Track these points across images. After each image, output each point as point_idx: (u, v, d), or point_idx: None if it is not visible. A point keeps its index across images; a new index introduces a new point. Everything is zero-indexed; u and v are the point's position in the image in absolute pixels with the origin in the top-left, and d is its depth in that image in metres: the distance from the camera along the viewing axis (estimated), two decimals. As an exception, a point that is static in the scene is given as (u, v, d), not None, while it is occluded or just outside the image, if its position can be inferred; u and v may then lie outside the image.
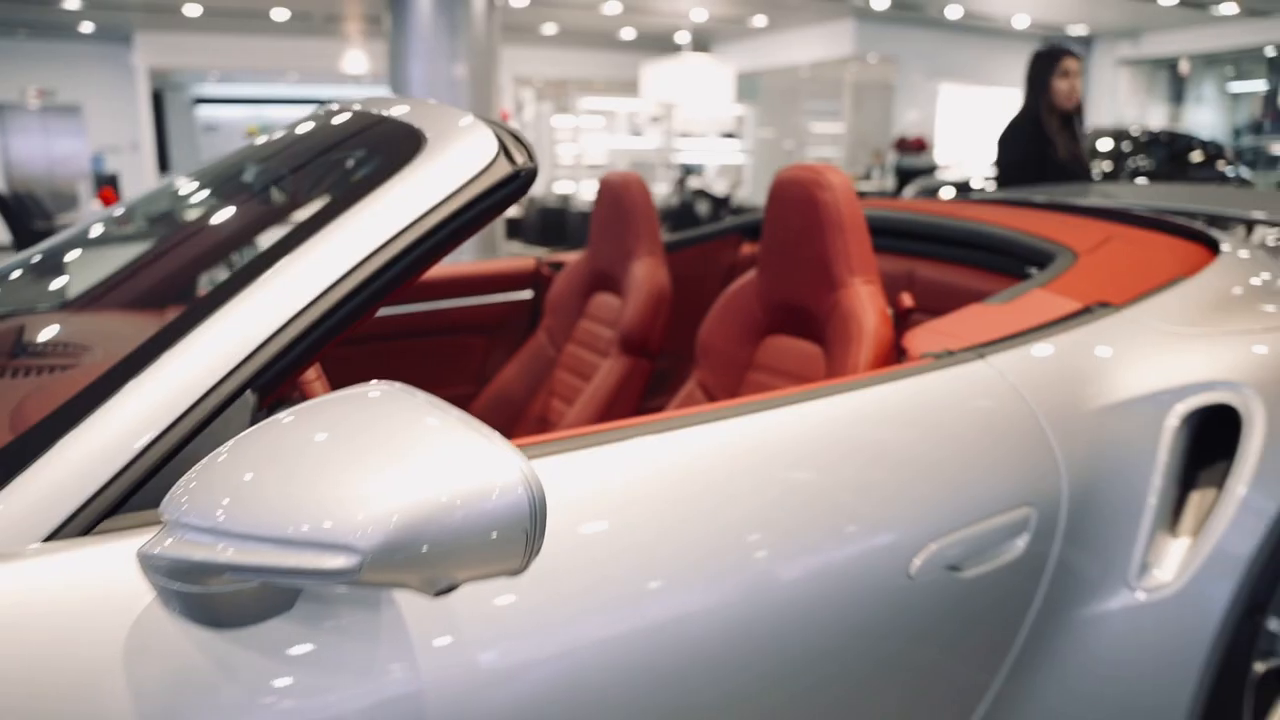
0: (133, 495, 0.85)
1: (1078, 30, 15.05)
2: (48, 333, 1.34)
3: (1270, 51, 15.29)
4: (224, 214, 1.51)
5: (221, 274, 1.15)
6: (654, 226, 2.34)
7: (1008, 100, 14.57)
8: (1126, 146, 10.52)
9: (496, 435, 0.74)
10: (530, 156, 1.12)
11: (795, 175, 1.74)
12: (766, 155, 15.47)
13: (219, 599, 0.78)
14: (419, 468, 0.71)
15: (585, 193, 11.66)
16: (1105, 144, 10.79)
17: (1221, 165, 10.59)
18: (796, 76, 16.17)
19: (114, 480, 0.84)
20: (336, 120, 1.45)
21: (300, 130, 1.50)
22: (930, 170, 12.33)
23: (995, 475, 1.31)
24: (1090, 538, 1.41)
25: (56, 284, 1.53)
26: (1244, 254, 2.00)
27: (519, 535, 0.71)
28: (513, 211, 11.60)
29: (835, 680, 1.19)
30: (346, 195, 1.05)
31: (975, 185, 10.10)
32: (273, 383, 0.92)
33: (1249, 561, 1.47)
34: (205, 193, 1.60)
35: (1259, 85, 16.75)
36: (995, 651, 1.36)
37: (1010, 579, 1.32)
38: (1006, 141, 3.97)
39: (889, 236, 2.36)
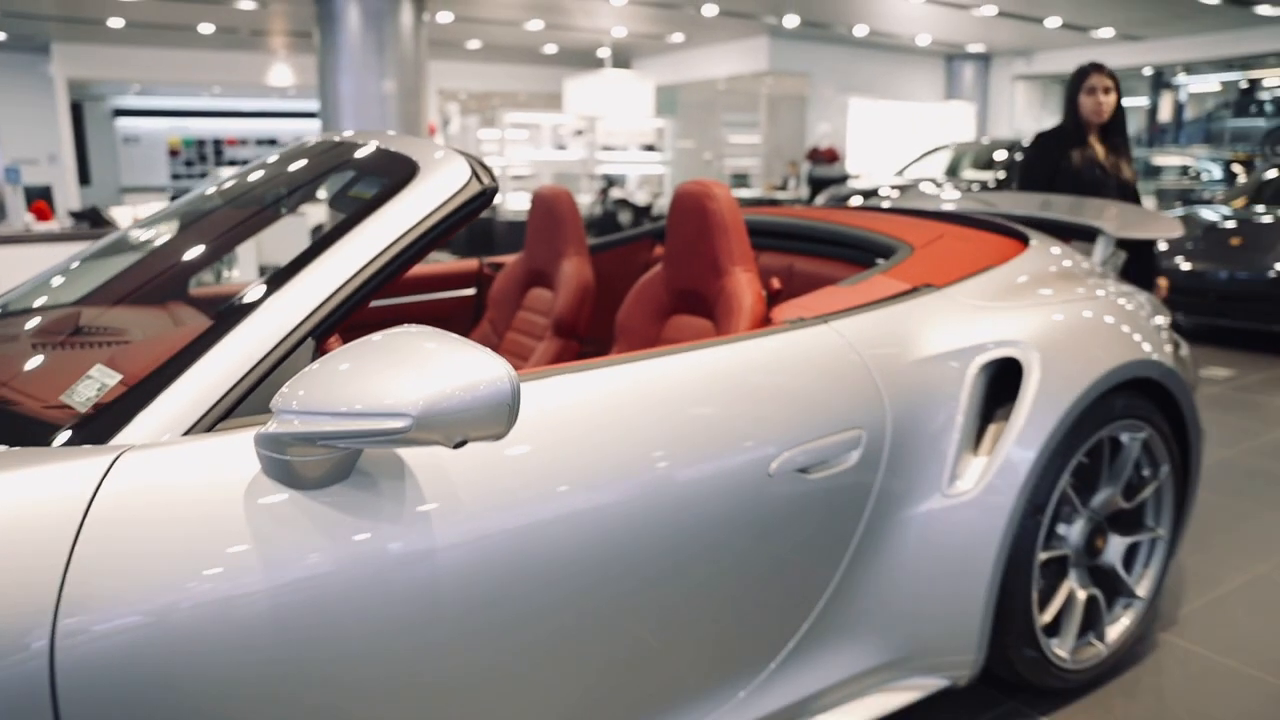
0: (238, 405, 1.27)
1: (976, 48, 15.96)
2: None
3: (1148, 71, 16.44)
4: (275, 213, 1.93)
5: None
6: (580, 231, 2.80)
7: (914, 114, 15.40)
8: (1019, 156, 11.29)
9: (487, 350, 1.19)
10: (493, 178, 1.57)
11: (690, 189, 2.22)
12: (686, 166, 16.04)
13: (305, 467, 1.21)
14: (441, 367, 1.15)
15: (511, 204, 12.03)
16: (1000, 154, 11.59)
17: (1103, 174, 11.43)
18: (714, 89, 16.81)
19: (226, 395, 1.26)
20: (348, 148, 1.88)
21: (319, 152, 1.92)
22: (842, 179, 13.01)
23: (833, 406, 1.79)
24: (910, 456, 1.91)
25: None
26: (1049, 248, 2.54)
27: (504, 410, 1.16)
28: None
29: (713, 559, 1.65)
30: (370, 205, 1.49)
31: (882, 193, 10.78)
32: (326, 333, 1.35)
33: (1029, 474, 1.98)
34: (257, 196, 2.00)
35: (1142, 101, 17.99)
36: (838, 544, 1.84)
37: (847, 484, 1.80)
38: (1025, 154, 4.08)
39: (775, 238, 2.86)
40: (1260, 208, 7.88)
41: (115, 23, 12.61)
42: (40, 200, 8.40)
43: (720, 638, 1.71)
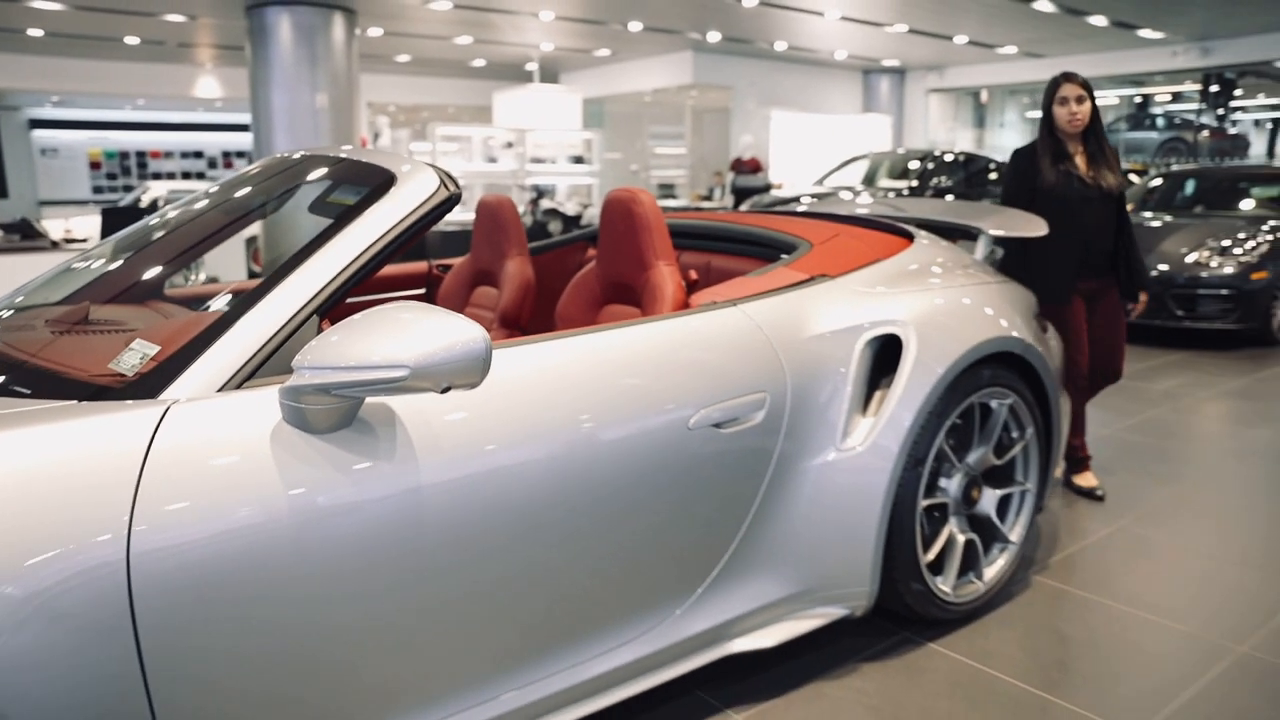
0: (259, 369, 1.57)
1: (891, 63, 16.67)
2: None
3: (1052, 84, 17.34)
4: (282, 212, 2.22)
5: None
6: (522, 234, 3.12)
7: (833, 125, 16.01)
8: (930, 166, 11.90)
9: (467, 318, 1.51)
10: (457, 185, 1.89)
11: (618, 195, 2.57)
12: (614, 177, 16.43)
13: (316, 415, 1.51)
14: (431, 329, 1.46)
15: (444, 213, 12.23)
16: (914, 164, 12.18)
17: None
18: (640, 102, 17.25)
19: (250, 360, 1.57)
20: (323, 160, 2.18)
21: (308, 164, 2.22)
22: (765, 189, 13.51)
23: (741, 373, 2.14)
24: (807, 416, 2.27)
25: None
26: (931, 245, 2.94)
27: (480, 363, 1.48)
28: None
29: (646, 499, 1.99)
30: (357, 208, 1.80)
31: (804, 201, 11.28)
32: (326, 312, 1.66)
33: (909, 432, 2.36)
34: (256, 197, 2.29)
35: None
36: (749, 490, 2.19)
37: (754, 438, 2.16)
38: (1005, 176, 3.92)
39: (696, 238, 3.22)
40: (1146, 213, 8.55)
41: (34, 32, 12.52)
42: (-29, 213, 8.39)
43: (654, 565, 2.05)
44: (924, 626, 2.68)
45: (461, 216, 10.50)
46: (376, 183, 1.88)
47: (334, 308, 1.68)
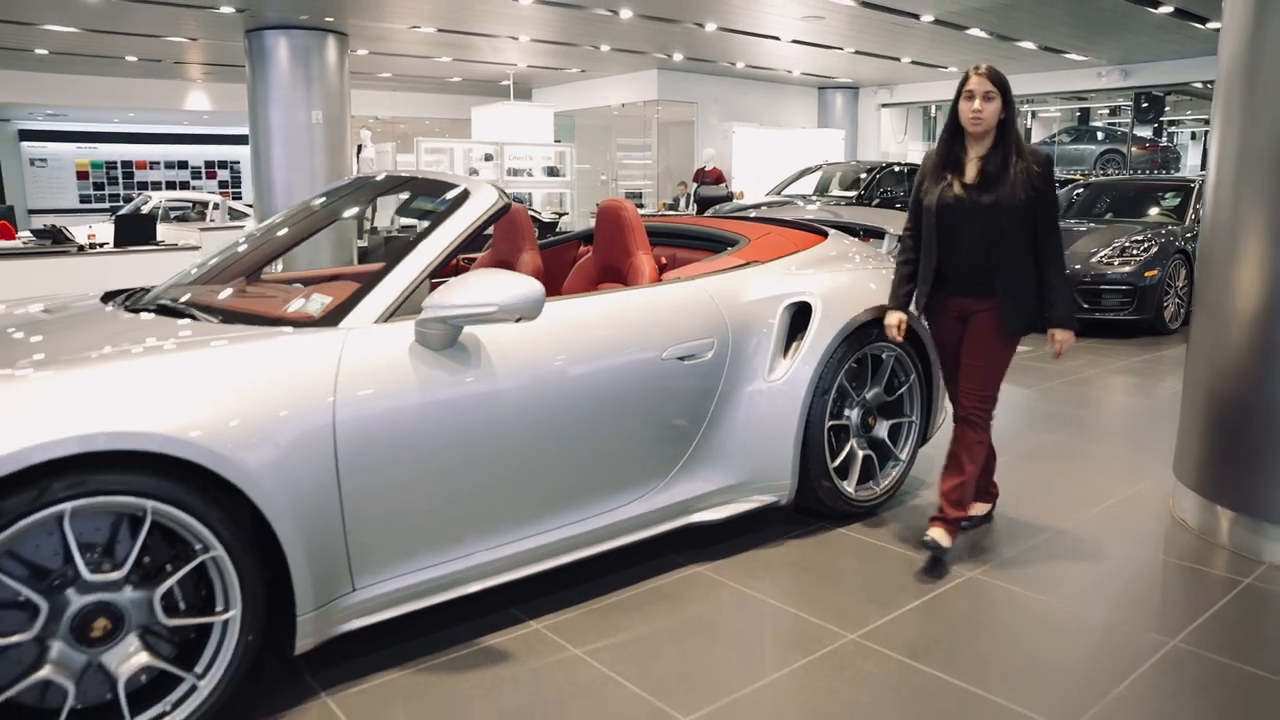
0: (398, 310, 2.54)
1: (844, 80, 17.81)
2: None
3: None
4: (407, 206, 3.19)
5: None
6: (533, 234, 4.08)
7: (790, 139, 17.09)
8: (878, 176, 12.97)
9: (518, 276, 2.47)
10: (509, 197, 2.87)
11: (609, 203, 3.56)
12: (585, 187, 17.41)
13: (433, 338, 2.48)
14: (507, 281, 2.43)
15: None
16: (863, 175, 13.25)
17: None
18: (609, 116, 18.26)
19: (394, 302, 2.53)
20: (413, 179, 3.15)
21: (392, 182, 3.19)
22: (727, 198, 14.55)
23: (696, 326, 3.12)
24: (743, 357, 3.26)
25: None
26: (840, 240, 3.94)
27: (538, 303, 2.45)
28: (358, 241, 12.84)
29: (634, 406, 2.96)
30: (448, 208, 2.77)
31: (763, 209, 12.30)
32: (434, 276, 2.62)
33: (816, 370, 3.36)
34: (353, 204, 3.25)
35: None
36: (703, 405, 3.17)
37: (708, 369, 3.14)
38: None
39: (665, 236, 4.21)
40: (1069, 220, 9.68)
41: (41, 51, 13.28)
42: (3, 220, 9.18)
43: (638, 452, 3.02)
44: (836, 519, 3.67)
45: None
46: (456, 194, 2.85)
47: (437, 275, 2.65)
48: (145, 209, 13.74)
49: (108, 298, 3.14)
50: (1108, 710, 2.38)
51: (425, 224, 2.81)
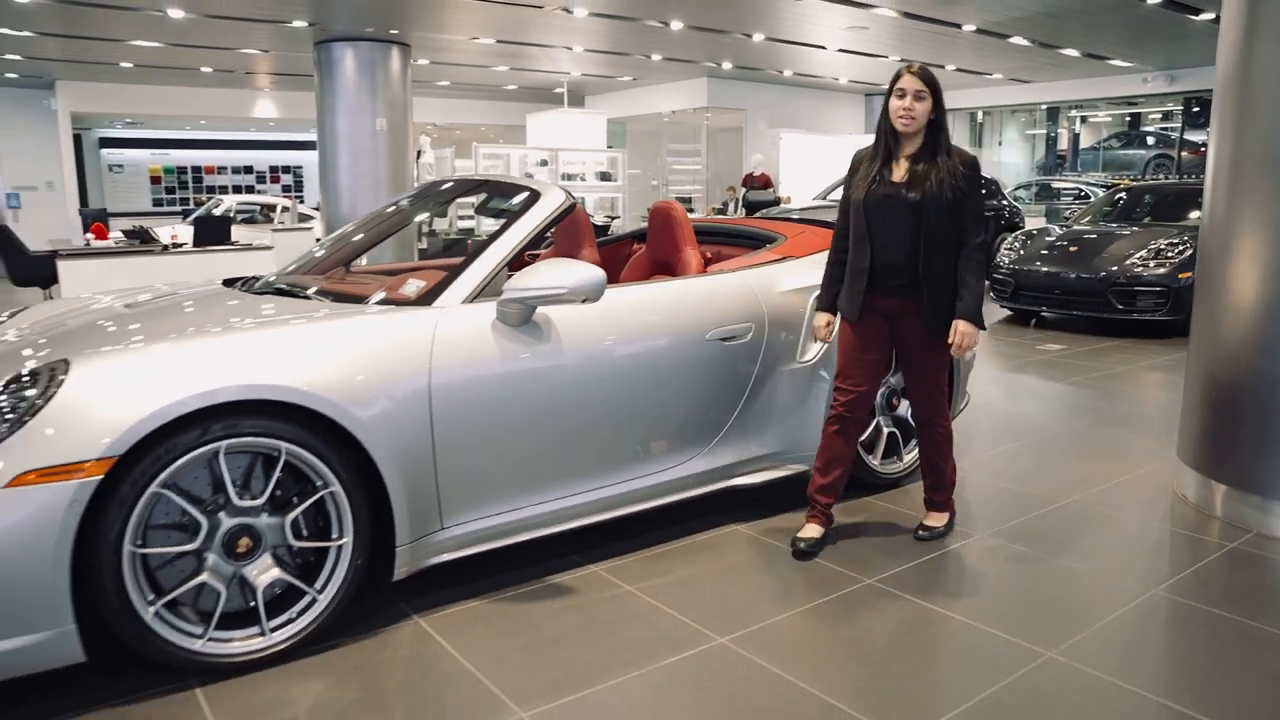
0: (482, 293, 3.00)
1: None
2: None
3: (1044, 107, 18.75)
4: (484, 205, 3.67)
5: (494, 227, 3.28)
6: (591, 234, 4.52)
7: (837, 144, 17.40)
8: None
9: (584, 264, 2.92)
10: (574, 199, 3.31)
11: (661, 205, 4.00)
12: (636, 192, 17.89)
13: (511, 315, 2.94)
14: (575, 269, 2.88)
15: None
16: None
17: (992, 198, 13.44)
18: (659, 122, 18.72)
19: (478, 286, 2.99)
20: (485, 182, 3.62)
21: (467, 184, 3.66)
22: (774, 203, 14.92)
23: (737, 312, 3.54)
24: (778, 340, 3.67)
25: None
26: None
27: (601, 287, 2.90)
28: (418, 243, 13.40)
29: (684, 381, 3.39)
30: (521, 207, 3.23)
31: (807, 213, 12.66)
32: (511, 265, 3.08)
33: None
34: (424, 207, 3.73)
35: (1040, 131, 20.38)
36: (743, 382, 3.60)
37: (747, 350, 3.56)
38: None
39: (711, 235, 4.63)
40: (1102, 223, 9.93)
41: (126, 64, 14.07)
42: (98, 222, 9.88)
43: (686, 420, 3.45)
44: (863, 489, 4.06)
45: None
46: (527, 194, 3.31)
47: (514, 264, 3.11)
48: (217, 211, 14.48)
49: (228, 283, 3.65)
50: (1088, 638, 2.76)
51: (487, 224, 3.28)
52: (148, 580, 2.46)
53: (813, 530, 3.46)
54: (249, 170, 22.15)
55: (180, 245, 10.07)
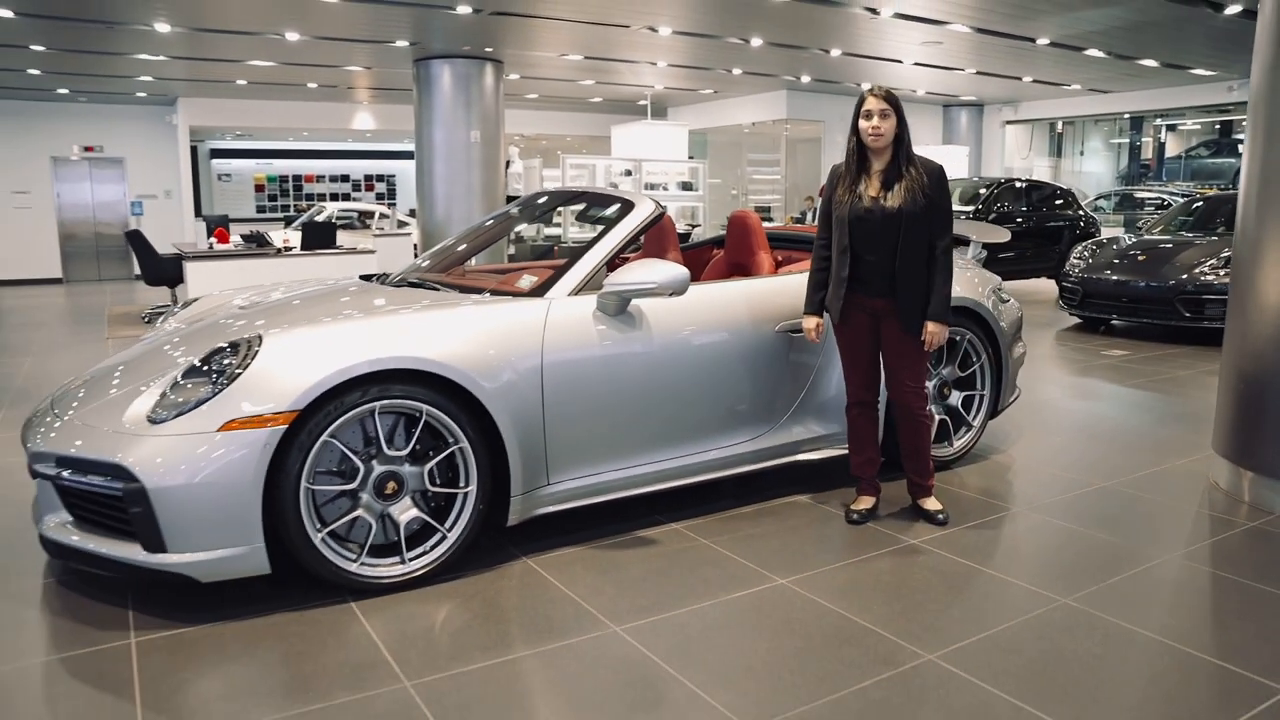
0: (585, 287, 3.56)
1: (969, 98, 18.27)
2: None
3: (1126, 116, 18.70)
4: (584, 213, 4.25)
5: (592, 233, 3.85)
6: (676, 240, 5.05)
7: (913, 155, 17.65)
8: (995, 192, 13.47)
9: (671, 263, 3.45)
10: (663, 208, 3.86)
11: (739, 215, 4.53)
12: (716, 201, 18.40)
13: (609, 305, 3.49)
14: (664, 267, 3.42)
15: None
16: (982, 191, 13.78)
17: (1068, 208, 13.60)
18: (740, 134, 19.21)
19: (583, 280, 3.56)
20: (583, 193, 4.20)
21: (566, 194, 4.24)
22: (850, 212, 15.25)
23: (801, 309, 4.04)
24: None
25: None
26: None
27: (686, 283, 3.43)
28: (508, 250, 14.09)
29: (757, 367, 3.91)
30: (618, 215, 3.78)
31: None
32: (608, 263, 3.64)
33: (899, 346, 4.23)
34: (533, 214, 4.32)
35: (1124, 140, 20.30)
36: (807, 369, 4.09)
37: (809, 343, 4.05)
38: None
39: (782, 241, 5.13)
40: (1176, 232, 10.10)
41: (241, 82, 15.12)
42: (220, 228, 10.79)
43: (757, 400, 3.96)
44: (914, 470, 4.50)
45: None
46: (623, 203, 3.86)
47: (612, 263, 3.66)
48: (319, 218, 15.43)
49: (364, 278, 4.28)
50: (1101, 590, 3.18)
51: (574, 232, 3.84)
52: (316, 514, 3.07)
53: (864, 502, 3.92)
54: (345, 179, 23.27)
55: (291, 249, 10.93)
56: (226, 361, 3.05)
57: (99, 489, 2.93)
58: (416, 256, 12.44)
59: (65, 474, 3.01)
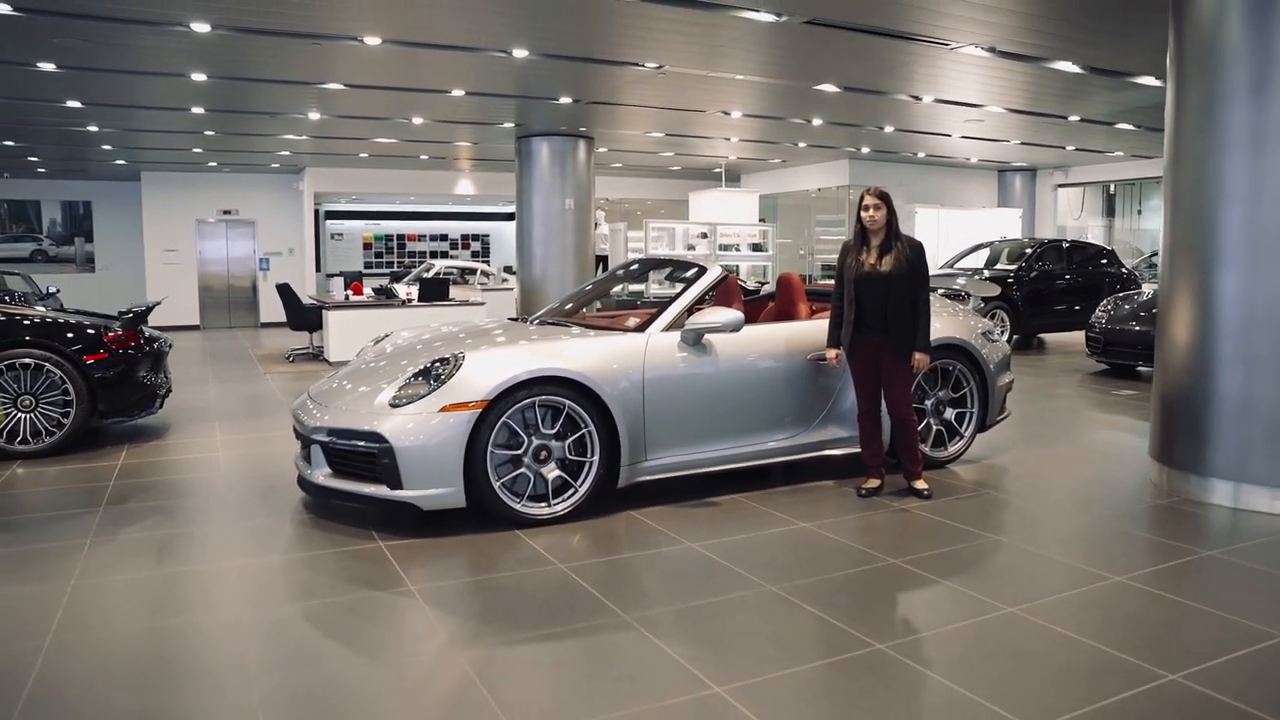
0: (672, 325, 5.18)
1: (1020, 163, 19.63)
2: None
3: (1172, 179, 19.83)
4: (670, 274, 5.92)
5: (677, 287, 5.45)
6: (739, 293, 6.62)
7: (971, 218, 19.05)
8: (1039, 251, 14.73)
9: (733, 310, 5.04)
10: (729, 271, 5.46)
11: (785, 275, 6.14)
12: (785, 260, 19.99)
13: (689, 339, 5.11)
14: (727, 312, 5.02)
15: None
16: (1028, 250, 15.07)
17: (1110, 266, 14.78)
18: (807, 197, 20.84)
19: (671, 322, 5.19)
20: (670, 260, 5.84)
21: (656, 261, 5.88)
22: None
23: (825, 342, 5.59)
24: (857, 362, 5.69)
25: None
26: (942, 297, 6.30)
27: (741, 324, 5.03)
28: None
29: (796, 383, 5.45)
30: (695, 276, 5.41)
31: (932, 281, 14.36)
32: (688, 312, 5.25)
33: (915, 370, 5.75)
34: (634, 274, 5.98)
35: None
36: (830, 389, 5.62)
37: (834, 369, 5.58)
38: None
39: (821, 296, 6.68)
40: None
41: (363, 155, 17.29)
42: (356, 282, 12.72)
43: (795, 409, 5.49)
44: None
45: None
46: (698, 268, 5.48)
47: (690, 312, 5.28)
48: (428, 274, 17.41)
49: (512, 319, 5.97)
50: (1024, 529, 4.61)
51: (654, 289, 5.46)
52: (495, 470, 4.69)
53: (871, 483, 5.41)
54: (444, 238, 25.46)
55: (411, 300, 12.79)
56: (441, 370, 4.72)
57: (360, 449, 4.60)
58: (516, 307, 14.27)
59: (337, 441, 4.70)
